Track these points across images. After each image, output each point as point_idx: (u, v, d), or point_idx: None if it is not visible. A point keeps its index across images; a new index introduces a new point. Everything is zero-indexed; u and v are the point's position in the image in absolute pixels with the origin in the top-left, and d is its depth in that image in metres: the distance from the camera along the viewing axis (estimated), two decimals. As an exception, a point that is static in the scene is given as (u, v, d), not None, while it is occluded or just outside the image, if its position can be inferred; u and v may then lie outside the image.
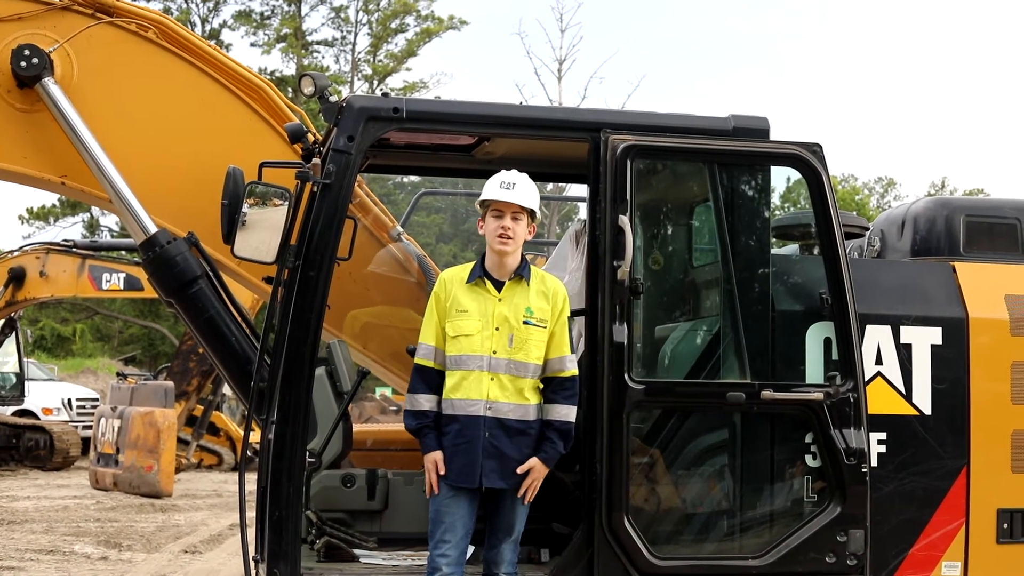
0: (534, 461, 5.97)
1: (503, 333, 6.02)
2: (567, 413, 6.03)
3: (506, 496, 6.04)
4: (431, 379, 6.11)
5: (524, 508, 6.07)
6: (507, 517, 6.07)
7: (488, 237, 6.10)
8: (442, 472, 6.00)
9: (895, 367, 6.61)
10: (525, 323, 6.02)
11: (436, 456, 6.03)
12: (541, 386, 6.07)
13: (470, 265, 6.20)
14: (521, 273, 6.09)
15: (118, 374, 25.69)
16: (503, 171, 6.17)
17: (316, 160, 6.24)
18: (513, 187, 6.07)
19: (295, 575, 6.09)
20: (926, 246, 7.31)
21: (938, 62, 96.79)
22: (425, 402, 6.10)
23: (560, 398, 6.03)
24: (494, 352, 6.01)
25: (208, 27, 52.07)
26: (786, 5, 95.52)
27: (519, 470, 5.97)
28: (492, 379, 6.00)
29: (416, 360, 6.18)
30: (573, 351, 6.13)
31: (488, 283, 6.11)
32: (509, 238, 6.04)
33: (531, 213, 6.10)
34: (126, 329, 50.41)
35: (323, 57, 53.95)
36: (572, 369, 6.07)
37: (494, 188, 6.09)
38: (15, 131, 7.00)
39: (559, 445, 6.01)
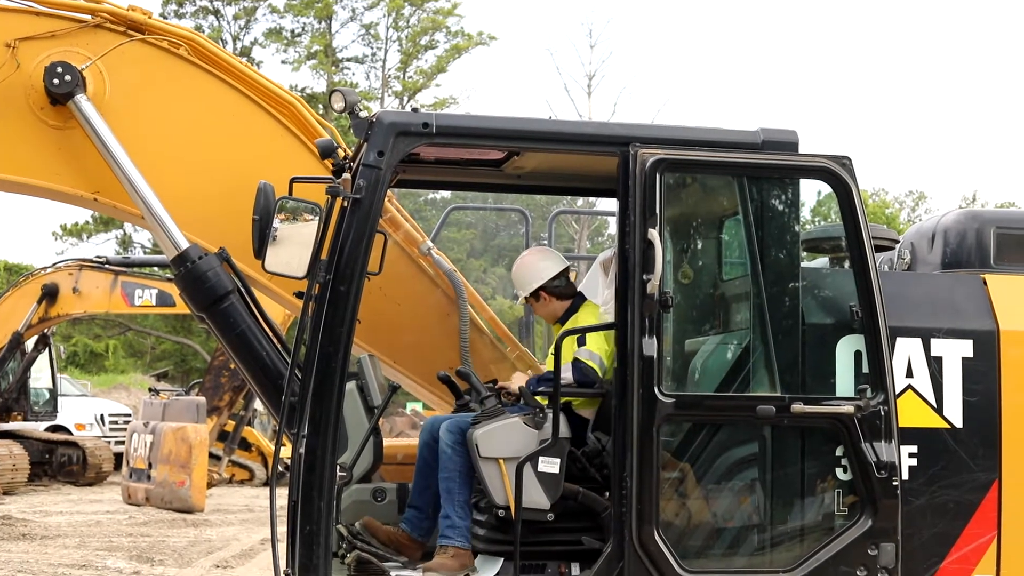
0: None
1: None
2: None
3: None
4: None
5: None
6: None
7: None
8: None
9: (926, 380, 6.58)
10: None
11: None
12: None
13: None
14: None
15: (150, 390, 25.82)
16: None
17: (346, 175, 6.27)
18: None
19: (326, 589, 6.11)
20: (956, 259, 7.26)
21: (969, 75, 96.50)
22: None
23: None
24: None
25: (239, 44, 52.37)
26: (814, 16, 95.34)
27: None
28: None
29: None
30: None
31: None
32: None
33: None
34: (158, 345, 50.62)
35: (353, 74, 54.27)
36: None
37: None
38: (48, 148, 7.04)
39: None
